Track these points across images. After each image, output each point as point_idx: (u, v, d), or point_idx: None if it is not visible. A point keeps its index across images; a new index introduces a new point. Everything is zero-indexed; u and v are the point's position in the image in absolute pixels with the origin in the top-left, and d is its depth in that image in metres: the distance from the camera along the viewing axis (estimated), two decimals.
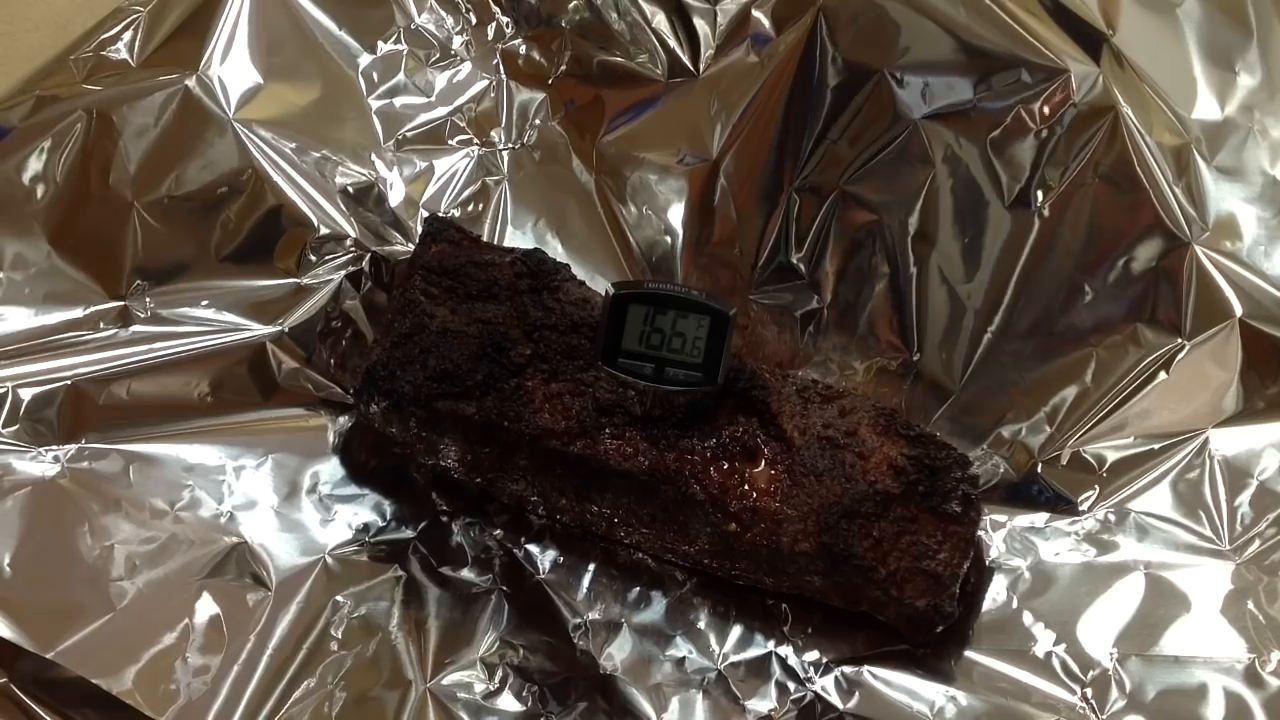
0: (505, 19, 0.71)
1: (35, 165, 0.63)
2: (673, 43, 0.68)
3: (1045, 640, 0.54)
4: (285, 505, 0.59)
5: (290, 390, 0.62)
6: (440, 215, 0.64)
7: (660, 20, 0.68)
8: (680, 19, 0.68)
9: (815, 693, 0.54)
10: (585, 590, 0.57)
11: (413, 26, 0.70)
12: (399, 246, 0.65)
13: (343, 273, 0.64)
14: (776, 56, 0.66)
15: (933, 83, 0.64)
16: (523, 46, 0.70)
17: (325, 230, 0.64)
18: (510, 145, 0.69)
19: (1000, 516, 0.58)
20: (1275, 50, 0.64)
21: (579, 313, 0.58)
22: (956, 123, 0.64)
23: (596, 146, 0.68)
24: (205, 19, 0.67)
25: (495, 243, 0.66)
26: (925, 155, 0.64)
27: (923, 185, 0.64)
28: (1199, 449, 0.58)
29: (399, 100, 0.69)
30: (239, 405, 0.61)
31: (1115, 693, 0.52)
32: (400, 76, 0.69)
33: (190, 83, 0.66)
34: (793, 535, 0.53)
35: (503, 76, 0.70)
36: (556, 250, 0.67)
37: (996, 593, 0.56)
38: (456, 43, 0.71)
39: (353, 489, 0.60)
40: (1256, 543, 0.55)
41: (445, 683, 0.54)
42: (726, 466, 0.55)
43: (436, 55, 0.70)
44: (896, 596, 0.53)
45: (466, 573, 0.58)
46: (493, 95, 0.70)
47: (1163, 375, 0.59)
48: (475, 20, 0.71)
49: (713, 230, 0.67)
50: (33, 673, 0.53)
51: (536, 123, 0.69)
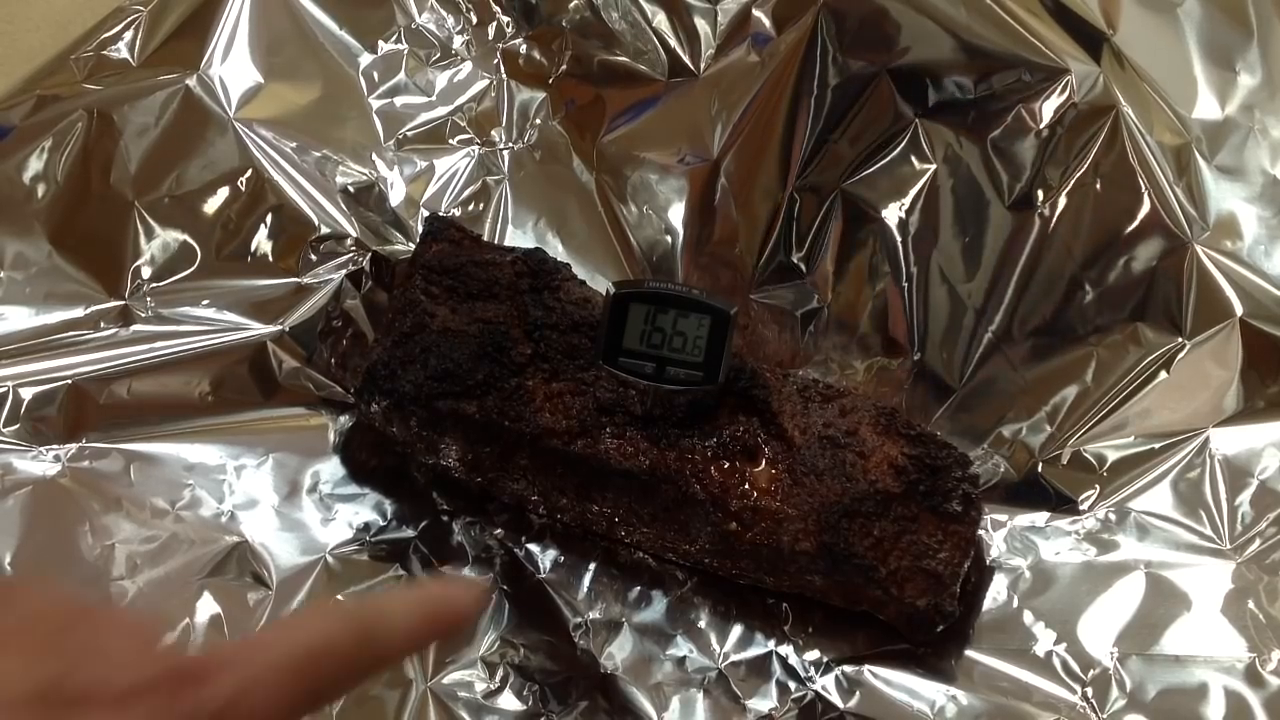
0: (506, 19, 0.71)
1: (36, 165, 0.63)
2: (673, 42, 0.68)
3: (1046, 639, 0.54)
4: (286, 504, 0.59)
5: (291, 390, 0.62)
6: (441, 215, 0.64)
7: (661, 20, 0.68)
8: (681, 19, 0.68)
9: (816, 692, 0.54)
10: (586, 589, 0.57)
11: (413, 26, 0.70)
12: (400, 246, 0.65)
13: (343, 272, 0.64)
14: (777, 56, 0.66)
15: (933, 83, 0.64)
16: (523, 46, 0.70)
17: (326, 230, 0.64)
18: (511, 145, 0.69)
19: (1001, 516, 0.58)
20: (1275, 50, 0.64)
21: (580, 312, 0.58)
22: (956, 123, 0.64)
23: (597, 146, 0.68)
24: (206, 19, 0.67)
25: (496, 242, 0.66)
26: (925, 155, 0.64)
27: (923, 185, 0.64)
28: (1199, 448, 0.58)
29: (399, 100, 0.69)
30: (240, 404, 0.61)
31: (1115, 692, 0.52)
32: (401, 76, 0.69)
33: (191, 82, 0.66)
34: (793, 534, 0.53)
35: (503, 76, 0.70)
36: (557, 250, 0.67)
37: (997, 592, 0.56)
38: (457, 42, 0.71)
39: (353, 488, 0.60)
40: (1257, 542, 0.55)
41: (446, 682, 0.54)
42: (727, 466, 0.55)
43: (437, 55, 0.70)
44: (897, 596, 0.53)
45: (467, 572, 0.57)
46: (493, 95, 0.70)
47: (1163, 375, 0.59)
48: (476, 20, 0.71)
49: (713, 230, 0.67)
50: None
51: (537, 122, 0.69)
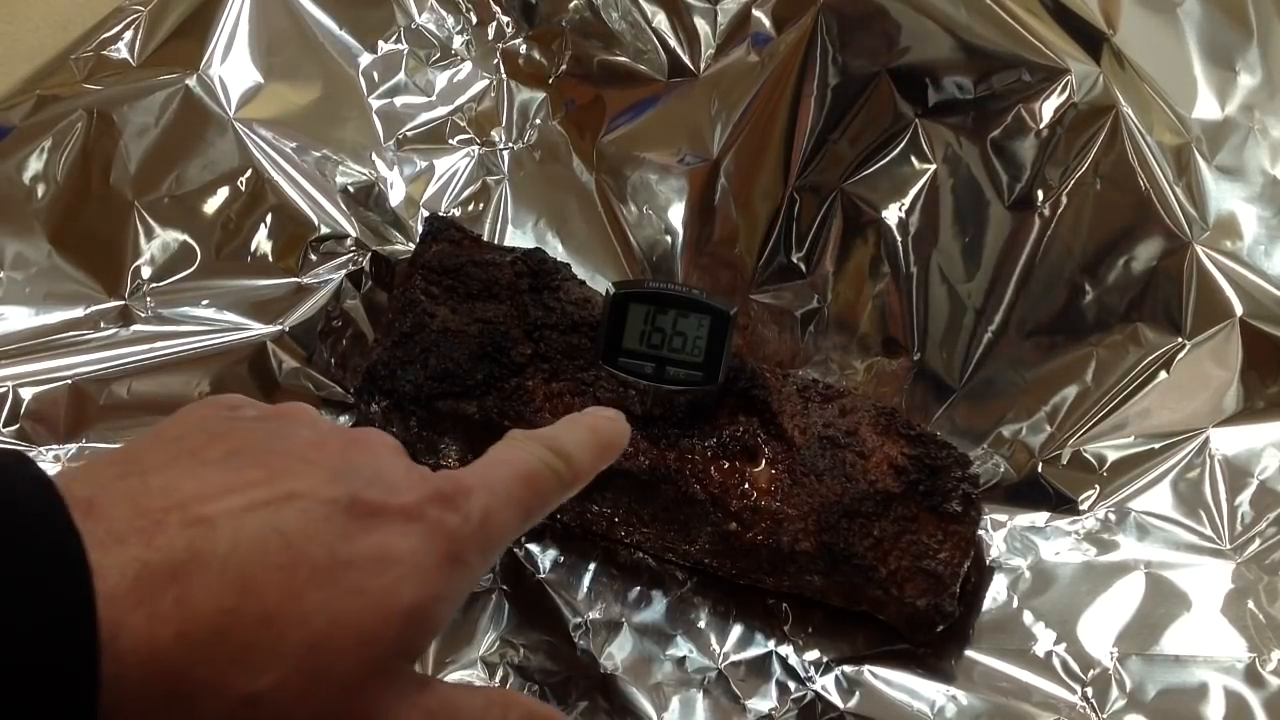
0: (505, 19, 0.71)
1: (36, 165, 0.63)
2: (673, 42, 0.68)
3: (1045, 639, 0.54)
4: None
5: (291, 390, 0.62)
6: (441, 215, 0.64)
7: (660, 20, 0.68)
8: (681, 19, 0.68)
9: (816, 692, 0.54)
10: (586, 589, 0.57)
11: (413, 26, 0.70)
12: (399, 246, 0.65)
13: (343, 272, 0.64)
14: (777, 56, 0.66)
15: (933, 83, 0.64)
16: (523, 46, 0.70)
17: (326, 230, 0.64)
18: (510, 145, 0.69)
19: (1000, 516, 0.58)
20: (1275, 50, 0.64)
21: (579, 312, 0.58)
22: (956, 123, 0.64)
23: (597, 146, 0.69)
24: (205, 19, 0.67)
25: (496, 242, 0.66)
26: (925, 155, 0.64)
27: (923, 185, 0.64)
28: (1199, 448, 0.58)
29: (399, 100, 0.69)
30: None
31: (1115, 692, 0.52)
32: (401, 76, 0.69)
33: (191, 82, 0.66)
34: (793, 534, 0.53)
35: (503, 76, 0.70)
36: (557, 250, 0.67)
37: (997, 592, 0.56)
38: (457, 42, 0.71)
39: None
40: (1257, 542, 0.55)
41: (446, 682, 0.54)
42: (727, 466, 0.55)
43: (437, 55, 0.70)
44: (897, 596, 0.53)
45: None
46: (493, 95, 0.70)
47: (1163, 375, 0.59)
48: (476, 20, 0.71)
49: (713, 230, 0.67)
50: None
51: (537, 122, 0.69)
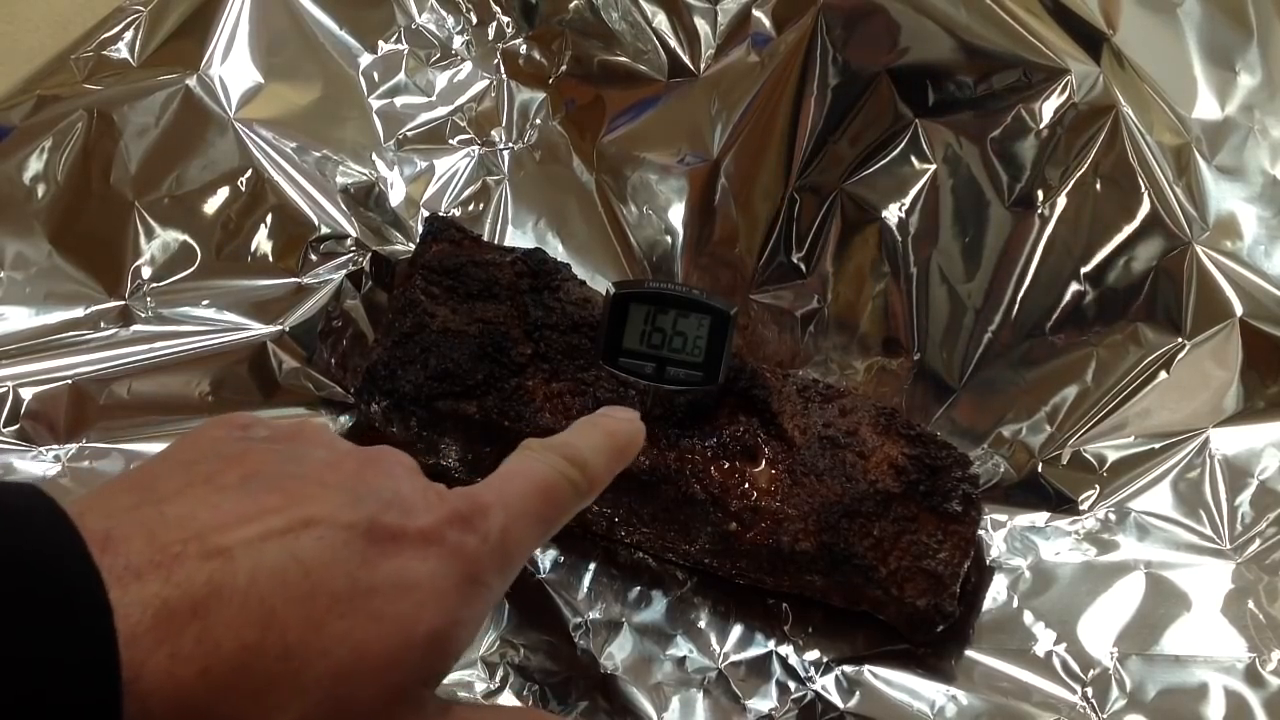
0: (506, 19, 0.71)
1: (36, 165, 0.63)
2: (673, 43, 0.68)
3: (1046, 640, 0.54)
4: None
5: (291, 390, 0.62)
6: (441, 215, 0.64)
7: (661, 20, 0.68)
8: (681, 19, 0.68)
9: (816, 692, 0.54)
10: (586, 589, 0.57)
11: (413, 26, 0.70)
12: (399, 246, 0.65)
13: (343, 272, 0.64)
14: (777, 56, 0.66)
15: (932, 83, 0.64)
16: (523, 46, 0.70)
17: (326, 230, 0.64)
18: (511, 145, 0.69)
19: (1000, 516, 0.58)
20: (1275, 50, 0.64)
21: (580, 312, 0.58)
22: (956, 123, 0.64)
23: (597, 146, 0.69)
24: (206, 19, 0.67)
25: (496, 242, 0.66)
26: (925, 155, 0.64)
27: (923, 185, 0.64)
28: (1199, 448, 0.58)
29: (399, 100, 0.69)
30: (240, 405, 0.61)
31: (1115, 692, 0.52)
32: (401, 76, 0.69)
33: (191, 82, 0.66)
34: (793, 535, 0.53)
35: (503, 76, 0.70)
36: (557, 250, 0.67)
37: (997, 592, 0.56)
38: (457, 42, 0.71)
39: None
40: (1257, 542, 0.55)
41: (446, 682, 0.53)
42: (727, 466, 0.55)
43: (437, 55, 0.70)
44: (897, 596, 0.53)
45: None
46: (493, 95, 0.70)
47: (1163, 375, 0.59)
48: (476, 20, 0.71)
49: (713, 230, 0.67)
50: None
51: (537, 122, 0.70)
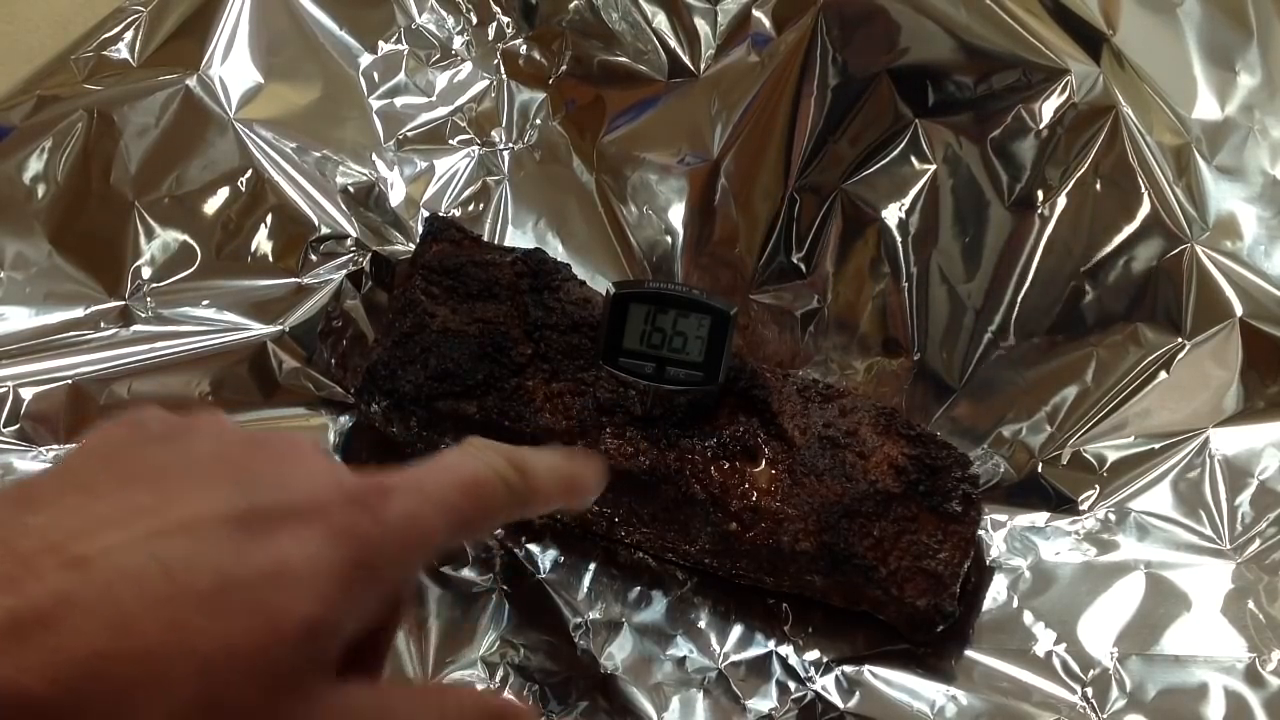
0: (506, 19, 0.71)
1: (36, 165, 0.63)
2: (673, 43, 0.68)
3: (1045, 640, 0.54)
4: None
5: (291, 390, 0.62)
6: (441, 215, 0.64)
7: (660, 20, 0.68)
8: (681, 19, 0.68)
9: (816, 692, 0.54)
10: (586, 590, 0.57)
11: (413, 26, 0.70)
12: (400, 246, 0.65)
13: (343, 272, 0.64)
14: (777, 56, 0.66)
15: (932, 83, 0.64)
16: (523, 46, 0.70)
17: (326, 230, 0.64)
18: (511, 145, 0.69)
19: (1000, 516, 0.58)
20: (1275, 50, 0.64)
21: (580, 312, 0.58)
22: (956, 123, 0.64)
23: (597, 146, 0.68)
24: (206, 19, 0.67)
25: (496, 242, 0.66)
26: (925, 155, 0.64)
27: (923, 185, 0.64)
28: (1199, 448, 0.58)
29: (399, 100, 0.69)
30: (240, 405, 0.61)
31: (1115, 692, 0.52)
32: (401, 76, 0.69)
33: (191, 82, 0.66)
34: (793, 535, 0.53)
35: (503, 76, 0.70)
36: (557, 250, 0.67)
37: (997, 592, 0.56)
38: (457, 43, 0.71)
39: None
40: (1257, 542, 0.55)
41: (446, 682, 0.54)
42: (727, 466, 0.55)
43: (437, 55, 0.70)
44: (897, 596, 0.53)
45: (467, 572, 0.57)
46: (493, 95, 0.70)
47: (1163, 375, 0.59)
48: (476, 20, 0.71)
49: (713, 230, 0.67)
50: None
51: (537, 123, 0.69)
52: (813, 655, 0.55)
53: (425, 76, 0.70)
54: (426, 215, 0.64)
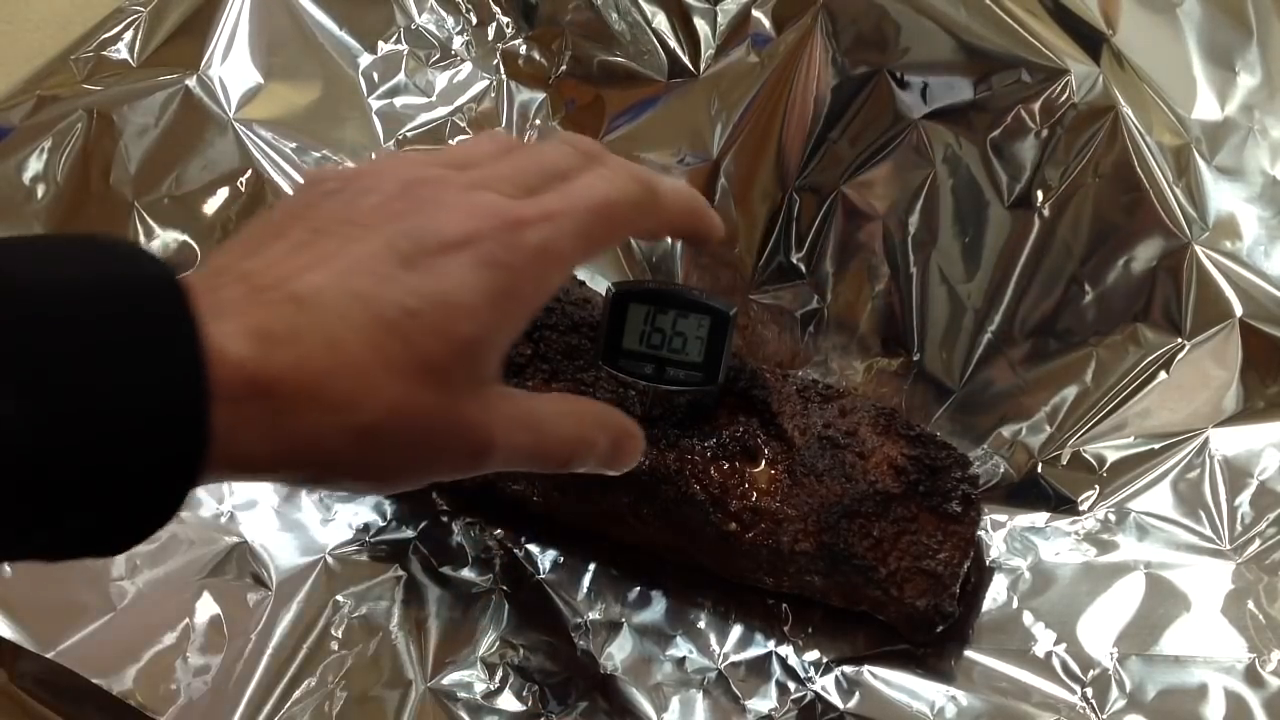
0: (506, 19, 0.71)
1: (35, 165, 0.63)
2: (673, 43, 0.68)
3: (1045, 640, 0.54)
4: (285, 505, 0.59)
5: None
6: None
7: (660, 20, 0.69)
8: (680, 19, 0.68)
9: (815, 692, 0.54)
10: (585, 590, 0.57)
11: (413, 26, 0.70)
12: None
13: None
14: (777, 56, 0.66)
15: (933, 83, 0.64)
16: (523, 46, 0.70)
17: None
18: None
19: (1000, 516, 0.58)
20: (1275, 50, 0.64)
21: (579, 312, 0.58)
22: (956, 123, 0.64)
23: None
24: (205, 19, 0.68)
25: None
26: (925, 155, 0.64)
27: (923, 185, 0.64)
28: (1199, 449, 0.58)
29: (399, 100, 0.69)
30: None
31: (1115, 692, 0.52)
32: (401, 76, 0.69)
33: (190, 83, 0.66)
34: (793, 535, 0.53)
35: (503, 76, 0.70)
36: None
37: (996, 592, 0.56)
38: (457, 43, 0.71)
39: None
40: (1257, 542, 0.55)
41: (445, 682, 0.54)
42: (727, 466, 0.55)
43: (437, 55, 0.70)
44: (897, 596, 0.53)
45: (467, 572, 0.58)
46: (493, 95, 0.70)
47: (1163, 375, 0.59)
48: (475, 20, 0.71)
49: None
50: (33, 672, 0.53)
51: (537, 123, 0.70)
52: (812, 655, 0.55)
53: (425, 77, 0.70)
54: None
